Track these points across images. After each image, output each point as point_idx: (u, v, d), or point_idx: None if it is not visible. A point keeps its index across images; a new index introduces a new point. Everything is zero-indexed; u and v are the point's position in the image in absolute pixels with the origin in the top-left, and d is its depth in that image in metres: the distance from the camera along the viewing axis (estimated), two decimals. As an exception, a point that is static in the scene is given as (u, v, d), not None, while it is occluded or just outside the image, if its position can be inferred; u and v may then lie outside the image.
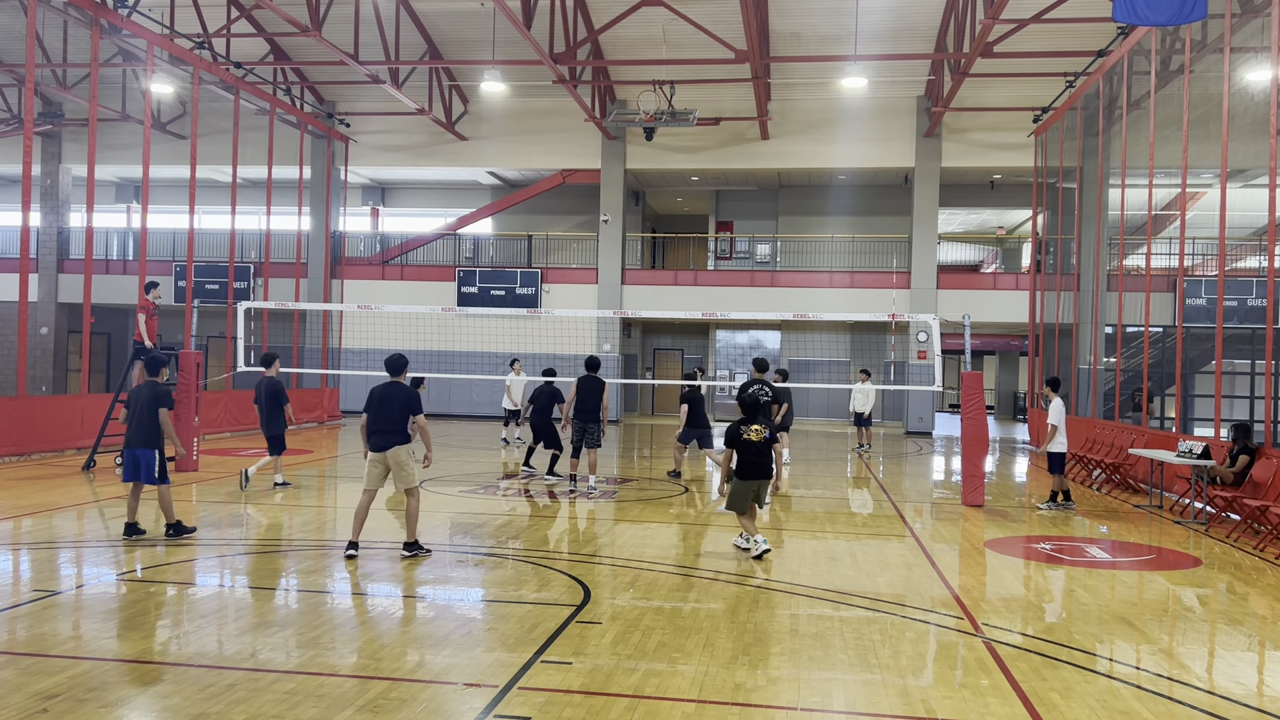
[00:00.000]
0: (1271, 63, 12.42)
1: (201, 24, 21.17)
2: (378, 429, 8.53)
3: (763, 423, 9.07)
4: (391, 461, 8.52)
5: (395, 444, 8.51)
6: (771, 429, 9.18)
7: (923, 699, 5.37)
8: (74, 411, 16.69)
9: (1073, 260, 23.93)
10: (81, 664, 5.61)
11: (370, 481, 8.62)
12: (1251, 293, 25.07)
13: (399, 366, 8.77)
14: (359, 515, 8.62)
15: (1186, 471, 12.48)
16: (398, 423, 8.53)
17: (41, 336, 28.82)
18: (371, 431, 8.56)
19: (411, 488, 8.61)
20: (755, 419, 9.04)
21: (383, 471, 8.59)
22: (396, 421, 8.53)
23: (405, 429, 8.59)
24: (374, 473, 8.59)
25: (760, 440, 8.90)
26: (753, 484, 8.93)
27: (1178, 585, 8.59)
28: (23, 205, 16.51)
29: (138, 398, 9.17)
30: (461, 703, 5.14)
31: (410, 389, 8.72)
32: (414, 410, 8.62)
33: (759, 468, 8.93)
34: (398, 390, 8.60)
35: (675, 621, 6.76)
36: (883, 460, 19.07)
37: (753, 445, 8.88)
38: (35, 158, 24.21)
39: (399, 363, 8.80)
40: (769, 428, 9.10)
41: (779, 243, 30.24)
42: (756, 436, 8.89)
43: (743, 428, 8.90)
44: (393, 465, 8.54)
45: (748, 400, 9.15)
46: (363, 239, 31.43)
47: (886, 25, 22.23)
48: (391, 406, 8.52)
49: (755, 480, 8.93)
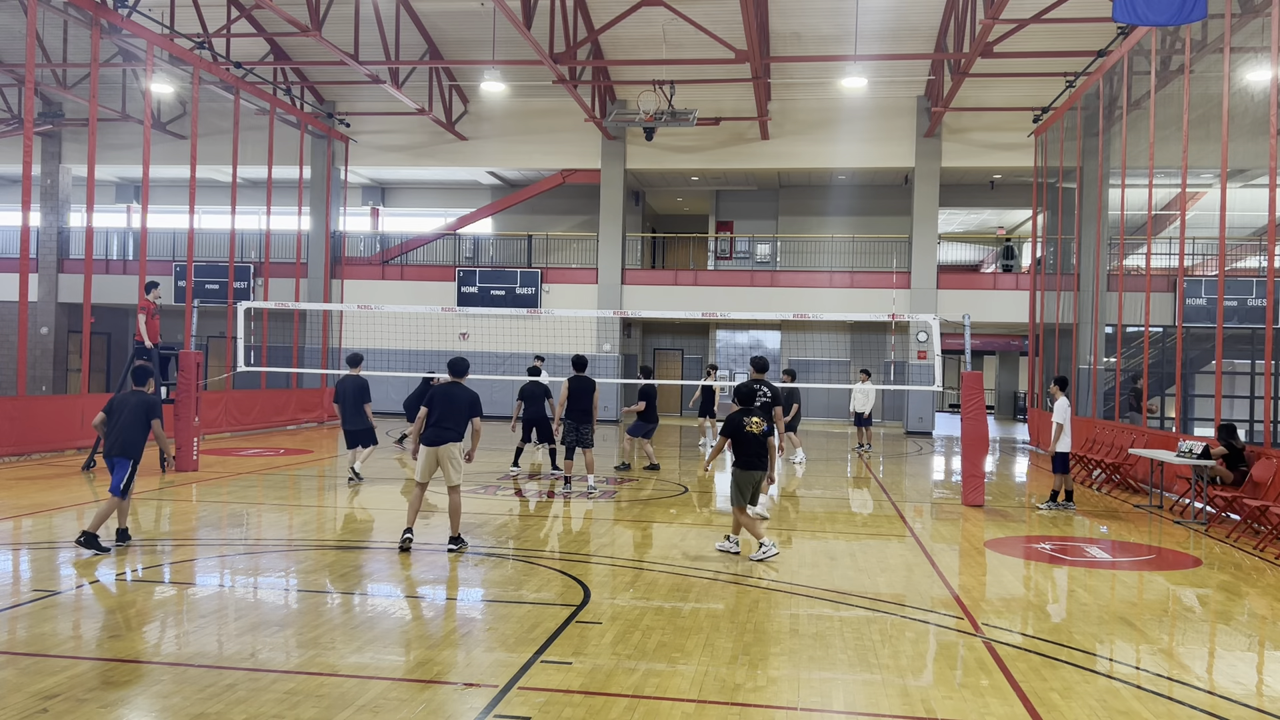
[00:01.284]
0: (1271, 63, 12.42)
1: (201, 24, 21.17)
2: (438, 424, 8.87)
3: (760, 416, 9.14)
4: (444, 456, 8.86)
5: (450, 440, 8.87)
6: (770, 425, 9.24)
7: (923, 699, 5.37)
8: (74, 411, 16.68)
9: (1073, 260, 23.94)
10: (81, 664, 5.61)
11: (423, 474, 8.95)
12: (1251, 293, 25.06)
13: (462, 369, 9.21)
14: (414, 505, 9.01)
15: (1186, 471, 12.48)
16: (459, 421, 8.92)
17: (41, 336, 28.82)
18: (430, 425, 8.89)
19: (456, 484, 8.96)
20: (755, 412, 9.16)
21: (434, 464, 8.90)
22: (459, 420, 8.92)
23: (462, 428, 8.97)
24: (427, 465, 8.91)
25: (760, 433, 8.96)
26: (753, 475, 8.98)
27: (1178, 585, 8.59)
28: (23, 205, 16.51)
29: (123, 405, 8.82)
30: (461, 703, 5.14)
31: (474, 392, 9.08)
32: (477, 413, 9.03)
33: (759, 459, 8.99)
34: (462, 392, 9.00)
35: (675, 621, 6.76)
36: (883, 460, 19.07)
37: (753, 438, 8.94)
38: (35, 158, 24.22)
39: (462, 366, 9.24)
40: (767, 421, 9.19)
41: (779, 243, 30.23)
42: (756, 429, 8.95)
43: (744, 419, 8.98)
44: (444, 460, 8.87)
45: (745, 392, 9.23)
46: (363, 239, 31.43)
47: (886, 25, 22.23)
48: (458, 405, 8.91)
49: (754, 471, 8.98)
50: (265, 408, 22.65)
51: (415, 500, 9.05)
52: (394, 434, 19.88)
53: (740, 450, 8.98)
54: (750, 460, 8.96)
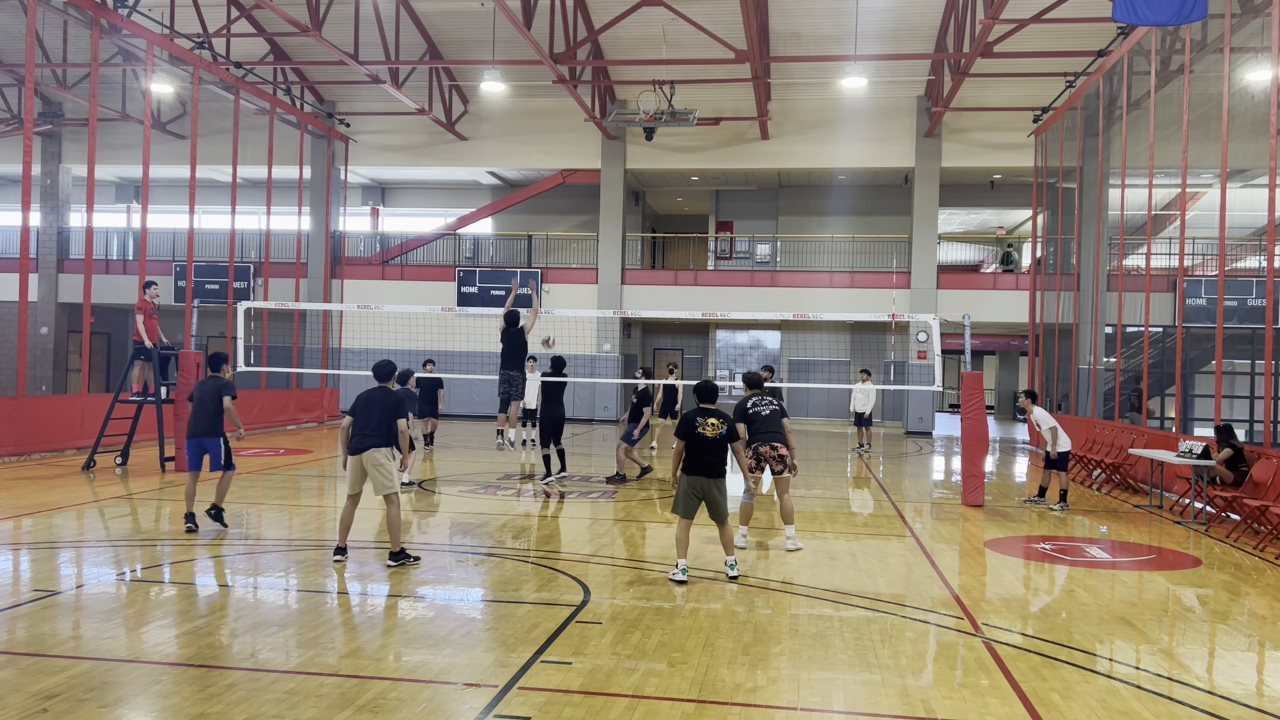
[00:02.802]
0: (1271, 63, 12.42)
1: (201, 24, 21.17)
2: (360, 431, 8.43)
3: (722, 419, 8.02)
4: (368, 464, 8.37)
5: (373, 446, 8.35)
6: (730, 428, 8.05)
7: (923, 699, 5.37)
8: (74, 411, 16.69)
9: (1073, 260, 23.93)
10: (81, 664, 5.61)
11: (352, 485, 8.49)
12: (1251, 293, 25.05)
13: (386, 373, 8.72)
14: (344, 521, 8.52)
15: (1186, 471, 12.48)
16: (382, 426, 8.41)
17: (41, 336, 28.81)
18: (353, 435, 8.47)
19: (390, 494, 8.39)
20: (714, 413, 8.01)
21: (362, 474, 8.47)
22: (381, 425, 8.41)
23: (387, 433, 8.44)
24: (355, 475, 8.47)
25: (715, 437, 7.89)
26: (698, 483, 7.91)
27: (1178, 585, 8.58)
28: (23, 205, 16.51)
29: (202, 391, 9.85)
30: (461, 703, 5.14)
31: (398, 394, 8.65)
32: (401, 415, 8.53)
33: (708, 466, 7.91)
34: (382, 396, 8.53)
35: (675, 621, 6.76)
36: (883, 460, 19.07)
37: (707, 441, 7.87)
38: (35, 158, 24.23)
39: (385, 369, 8.73)
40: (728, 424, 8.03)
41: (779, 243, 30.23)
42: (712, 432, 7.88)
43: (698, 419, 7.92)
44: (369, 468, 8.37)
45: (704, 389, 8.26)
46: (363, 239, 31.42)
47: (886, 25, 22.23)
48: (377, 409, 8.43)
49: (701, 479, 7.91)
50: (265, 408, 22.65)
51: (345, 515, 8.50)
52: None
53: (692, 453, 7.91)
54: (702, 467, 7.89)
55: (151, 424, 15.28)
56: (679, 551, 8.03)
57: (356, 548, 9.15)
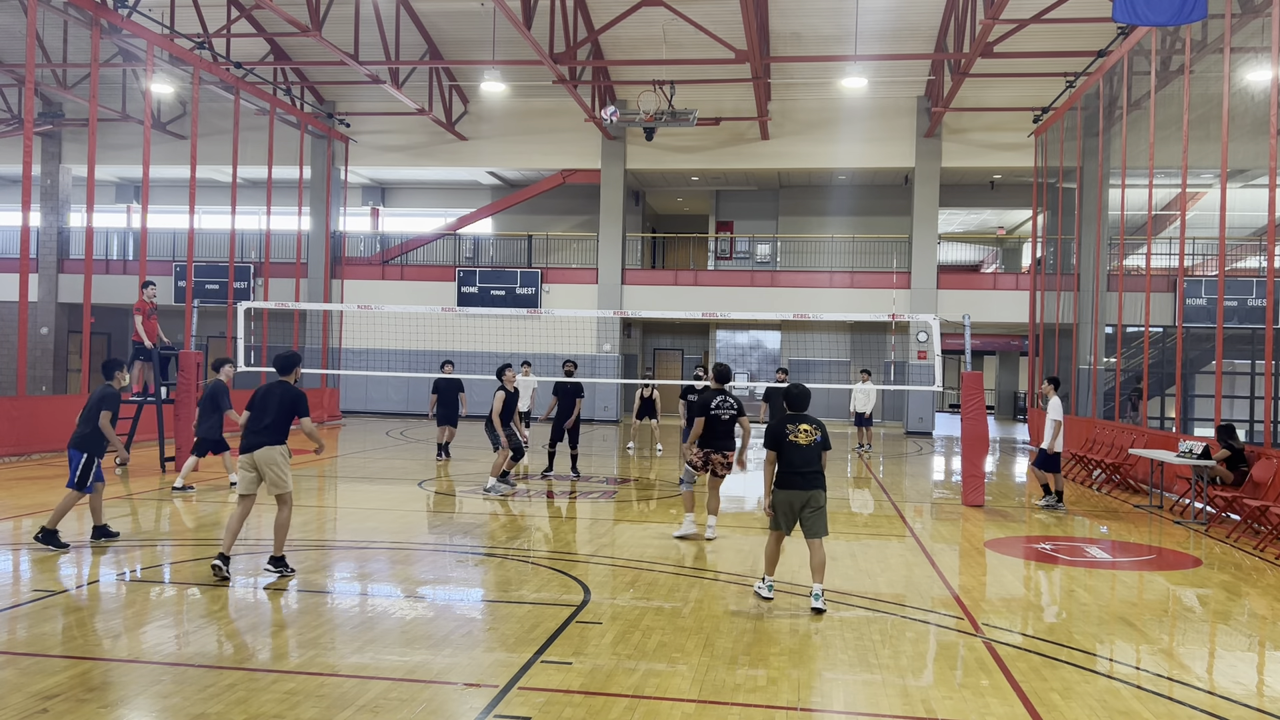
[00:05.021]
0: (1271, 63, 12.41)
1: (201, 24, 21.17)
2: (252, 428, 7.91)
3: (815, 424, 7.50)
4: (261, 462, 7.78)
5: (266, 443, 7.80)
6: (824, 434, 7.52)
7: (923, 699, 5.37)
8: (74, 411, 16.52)
9: (1073, 260, 23.93)
10: (81, 664, 5.61)
11: (245, 485, 7.88)
12: (1251, 293, 25.06)
13: (286, 366, 8.12)
14: (231, 526, 7.88)
15: (1186, 471, 12.48)
16: (277, 423, 7.87)
17: (41, 336, 28.81)
18: (246, 430, 7.96)
19: (283, 494, 7.90)
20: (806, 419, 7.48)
21: (256, 475, 7.88)
22: (276, 421, 7.87)
23: (280, 430, 7.90)
24: (246, 477, 7.87)
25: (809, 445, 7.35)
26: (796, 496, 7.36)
27: (1178, 585, 8.58)
28: (23, 205, 16.51)
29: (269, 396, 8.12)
30: (461, 703, 5.14)
31: (297, 391, 7.98)
32: (299, 412, 7.92)
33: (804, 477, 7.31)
34: (280, 391, 7.94)
35: (675, 621, 6.76)
36: (883, 460, 19.07)
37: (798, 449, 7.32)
38: (35, 158, 24.22)
39: (287, 362, 8.14)
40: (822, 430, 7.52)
41: (779, 243, 30.24)
42: (806, 439, 7.35)
43: (788, 426, 7.38)
44: (262, 466, 7.79)
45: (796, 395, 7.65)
46: (363, 239, 31.43)
47: (886, 25, 22.23)
48: (273, 405, 7.87)
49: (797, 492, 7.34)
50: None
51: (234, 519, 7.87)
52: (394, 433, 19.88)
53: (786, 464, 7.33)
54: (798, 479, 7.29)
55: (152, 424, 15.28)
56: (767, 568, 7.51)
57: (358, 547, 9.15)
